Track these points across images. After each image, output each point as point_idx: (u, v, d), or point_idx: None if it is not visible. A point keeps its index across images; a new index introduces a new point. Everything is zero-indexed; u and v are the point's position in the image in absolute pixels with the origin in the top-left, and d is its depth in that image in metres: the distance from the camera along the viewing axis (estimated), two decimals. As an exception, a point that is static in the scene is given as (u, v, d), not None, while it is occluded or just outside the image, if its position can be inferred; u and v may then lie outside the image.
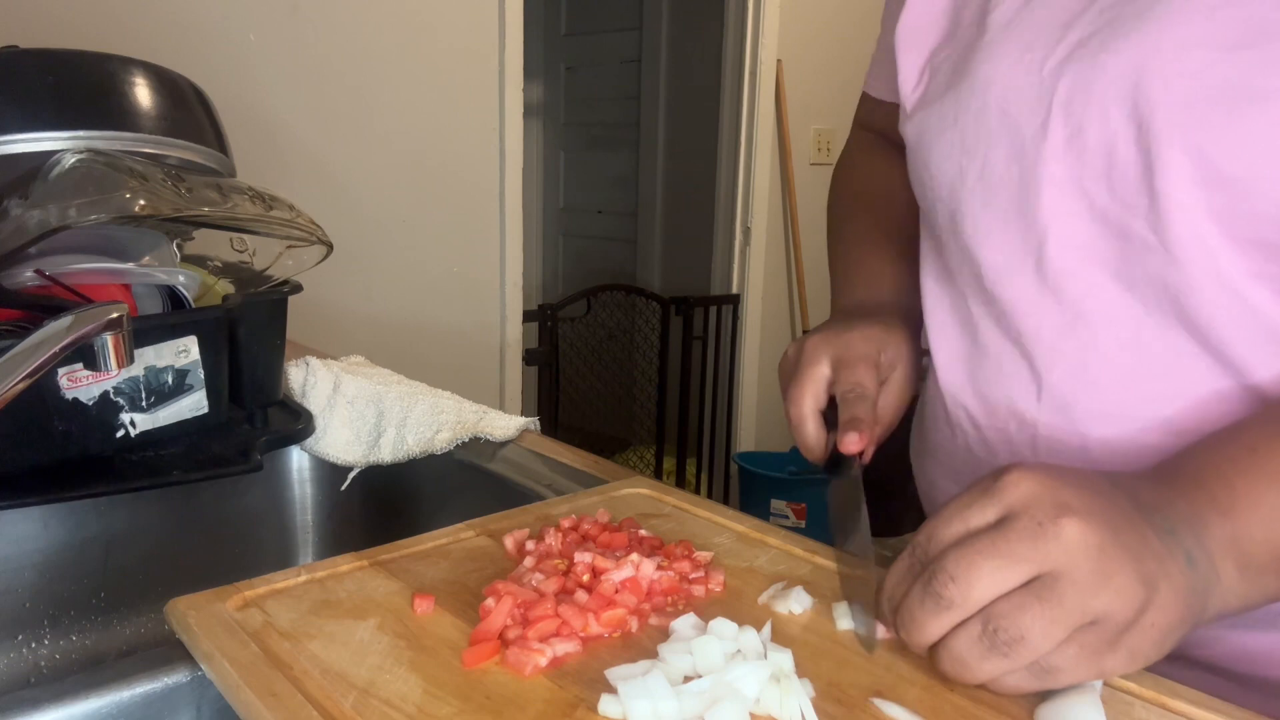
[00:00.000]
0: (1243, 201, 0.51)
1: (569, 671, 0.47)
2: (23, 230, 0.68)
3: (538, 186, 4.02)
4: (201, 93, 0.89)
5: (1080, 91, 0.55)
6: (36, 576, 0.80)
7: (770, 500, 2.87)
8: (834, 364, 0.67)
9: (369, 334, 2.16)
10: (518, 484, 0.81)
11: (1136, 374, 0.58)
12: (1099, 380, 0.59)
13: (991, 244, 0.62)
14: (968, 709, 0.45)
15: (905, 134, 0.68)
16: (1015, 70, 0.59)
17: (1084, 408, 0.60)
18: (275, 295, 0.90)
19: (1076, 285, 0.58)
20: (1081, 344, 0.59)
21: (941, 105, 0.64)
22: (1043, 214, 0.58)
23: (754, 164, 2.95)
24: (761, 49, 2.87)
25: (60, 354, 0.58)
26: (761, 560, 0.60)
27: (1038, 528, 0.43)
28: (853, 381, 0.65)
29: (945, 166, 0.64)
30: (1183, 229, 0.53)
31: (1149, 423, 0.58)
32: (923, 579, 0.45)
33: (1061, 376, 0.60)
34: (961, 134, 0.62)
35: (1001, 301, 0.62)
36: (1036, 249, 0.59)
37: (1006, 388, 0.63)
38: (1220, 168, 0.51)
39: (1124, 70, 0.53)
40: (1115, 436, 0.59)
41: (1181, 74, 0.51)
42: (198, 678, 0.52)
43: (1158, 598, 0.43)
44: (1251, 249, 0.52)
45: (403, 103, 2.16)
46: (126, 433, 0.78)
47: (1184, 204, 0.52)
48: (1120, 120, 0.54)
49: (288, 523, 0.96)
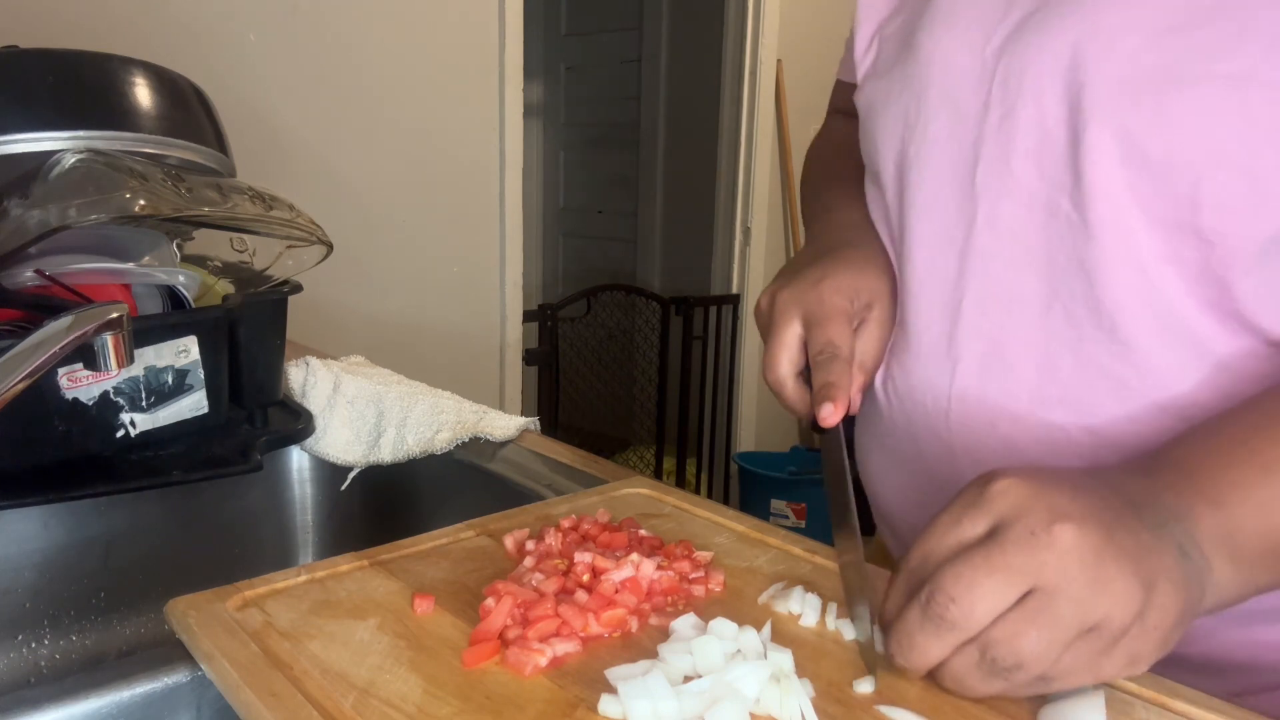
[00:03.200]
0: (1163, 183, 0.52)
1: (569, 671, 0.47)
2: (23, 230, 0.68)
3: (538, 186, 4.02)
4: (201, 93, 0.89)
5: (1017, 71, 0.57)
6: (36, 576, 0.80)
7: (770, 500, 2.87)
8: (805, 322, 0.64)
9: (369, 334, 2.16)
10: (518, 484, 0.81)
11: (1044, 353, 0.59)
12: (1009, 358, 0.60)
13: (928, 218, 0.63)
14: (968, 709, 0.45)
15: (857, 105, 0.69)
16: (958, 46, 0.61)
17: (996, 384, 0.61)
18: (275, 295, 0.90)
19: (997, 263, 0.60)
20: (997, 322, 0.60)
21: (889, 78, 0.66)
22: (974, 192, 0.60)
23: (754, 164, 2.95)
24: (761, 49, 2.87)
25: (60, 354, 0.58)
26: (761, 560, 0.60)
27: (1031, 537, 0.42)
28: (824, 341, 0.63)
29: (890, 140, 0.65)
30: (1104, 208, 0.54)
31: (1051, 401, 0.59)
32: (920, 601, 0.44)
33: (977, 353, 0.61)
34: (905, 108, 0.64)
35: (928, 276, 0.64)
36: (966, 226, 0.61)
37: (925, 361, 0.64)
38: (1144, 149, 0.52)
39: (1059, 51, 0.55)
40: (1023, 414, 0.60)
41: (1113, 57, 0.53)
42: (198, 678, 0.52)
43: (1156, 597, 0.43)
44: (1169, 232, 0.53)
45: (403, 102, 2.16)
46: (126, 433, 0.78)
47: (1107, 184, 0.54)
48: (1053, 100, 0.55)
49: (288, 523, 0.96)
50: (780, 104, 2.95)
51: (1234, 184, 0.51)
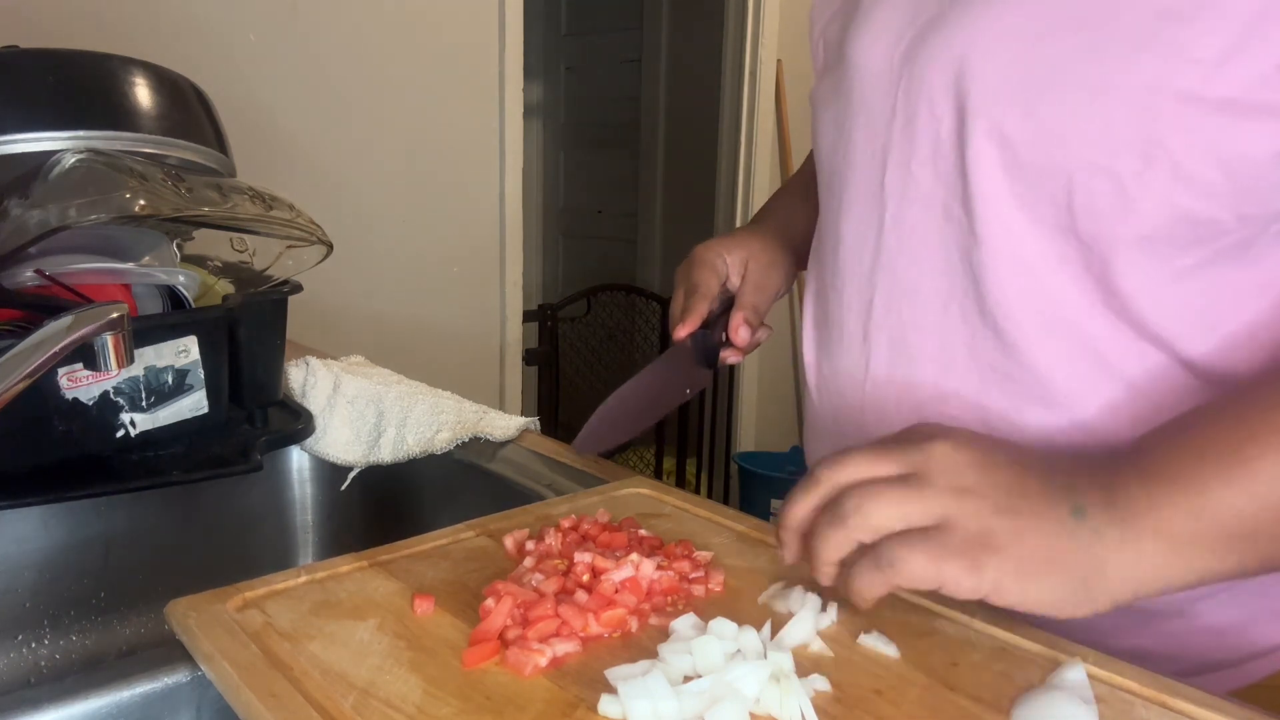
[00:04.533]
0: (1040, 187, 0.54)
1: (569, 671, 0.47)
2: (23, 230, 0.68)
3: (538, 186, 4.02)
4: (201, 93, 0.89)
5: (917, 77, 0.59)
6: (36, 576, 0.80)
7: (770, 500, 2.86)
8: (682, 279, 0.79)
9: (369, 334, 2.16)
10: (518, 484, 0.81)
11: (941, 349, 0.62)
12: (912, 351, 0.63)
13: (849, 218, 0.67)
14: (968, 708, 0.45)
15: (810, 102, 0.73)
16: (873, 51, 0.63)
17: (902, 376, 0.64)
18: (275, 295, 0.90)
19: (901, 261, 0.63)
20: (901, 319, 0.64)
21: (825, 80, 0.69)
22: (884, 194, 0.63)
23: (754, 164, 2.95)
24: (761, 49, 2.87)
25: (60, 354, 0.58)
26: (761, 560, 0.60)
27: (917, 443, 0.48)
28: (689, 282, 0.78)
29: (824, 141, 0.69)
30: (988, 211, 0.56)
31: (949, 395, 0.62)
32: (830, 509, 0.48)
33: (885, 346, 0.65)
34: (836, 111, 0.67)
35: (845, 273, 0.67)
36: (876, 226, 0.64)
37: (843, 355, 0.68)
38: (1020, 153, 0.54)
39: (950, 57, 0.57)
40: (925, 406, 0.63)
41: (992, 64, 0.54)
42: (198, 678, 0.52)
43: (1017, 524, 0.45)
44: (1052, 234, 0.55)
45: (403, 102, 2.16)
46: (126, 433, 0.78)
47: (990, 187, 0.56)
48: (944, 106, 0.57)
49: (288, 523, 0.96)
50: (780, 104, 2.95)
51: (1100, 187, 0.52)
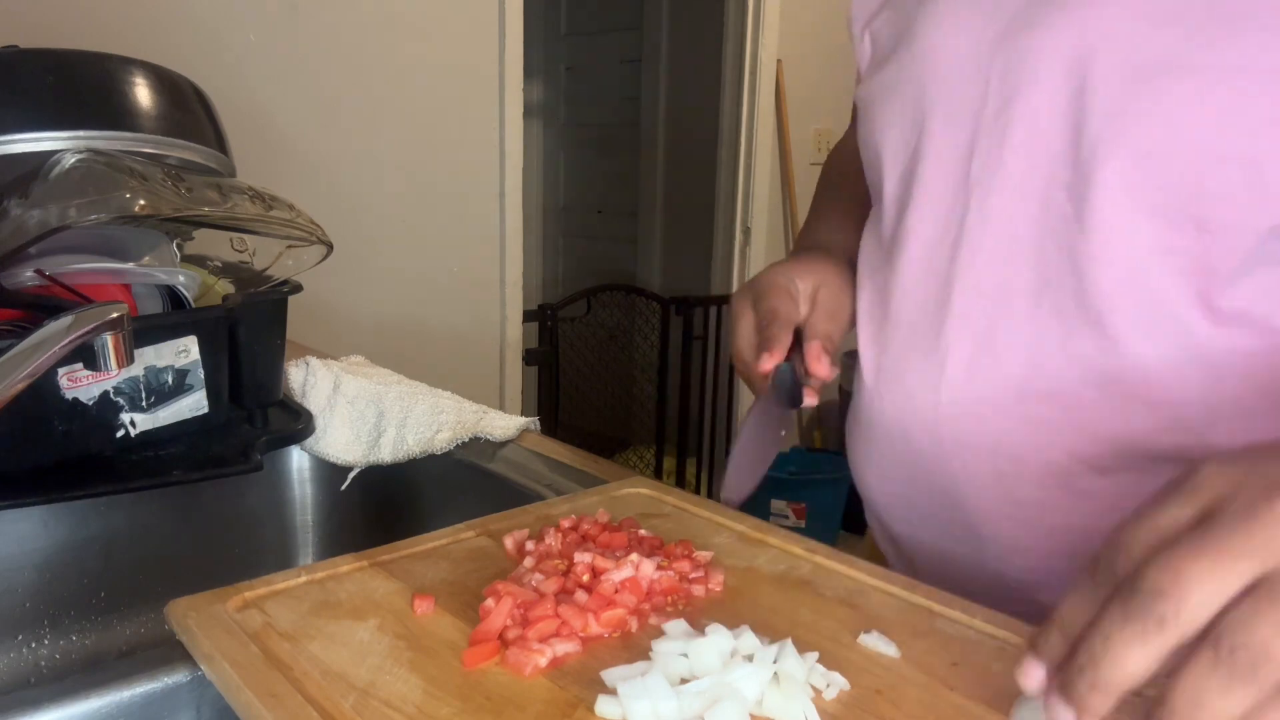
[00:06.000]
0: (1165, 173, 0.53)
1: (569, 671, 0.47)
2: (23, 230, 0.68)
3: (538, 186, 4.02)
4: (201, 93, 0.89)
5: (1016, 63, 0.57)
6: (36, 576, 0.80)
7: (770, 500, 2.86)
8: (754, 305, 0.70)
9: (369, 334, 2.16)
10: (518, 484, 0.81)
11: (1032, 348, 0.59)
12: (998, 350, 0.60)
13: (921, 213, 0.64)
14: (968, 708, 0.45)
15: (856, 100, 0.70)
16: (955, 39, 0.61)
17: (984, 378, 0.61)
18: (275, 295, 0.90)
19: (986, 255, 0.60)
20: (986, 315, 0.61)
21: (885, 72, 0.66)
22: (970, 184, 0.60)
23: (754, 164, 2.95)
24: (761, 49, 2.87)
25: (60, 354, 0.58)
26: (761, 560, 0.60)
27: (1250, 512, 0.34)
28: (764, 310, 0.69)
29: (889, 134, 0.66)
30: (1100, 199, 0.54)
31: (1041, 394, 0.59)
32: (1121, 597, 0.35)
33: (965, 347, 0.62)
34: (903, 101, 0.64)
35: (917, 271, 0.64)
36: (960, 218, 0.61)
37: (914, 357, 0.65)
38: (1140, 139, 0.52)
39: (1060, 44, 0.55)
40: (1011, 408, 0.60)
41: (1116, 48, 0.53)
42: (198, 678, 0.52)
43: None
44: (1167, 223, 0.54)
45: (403, 102, 2.16)
46: (126, 433, 0.78)
47: (1104, 176, 0.54)
48: (1053, 92, 0.55)
49: (288, 523, 0.96)
50: (780, 104, 2.95)
51: (1235, 173, 0.51)
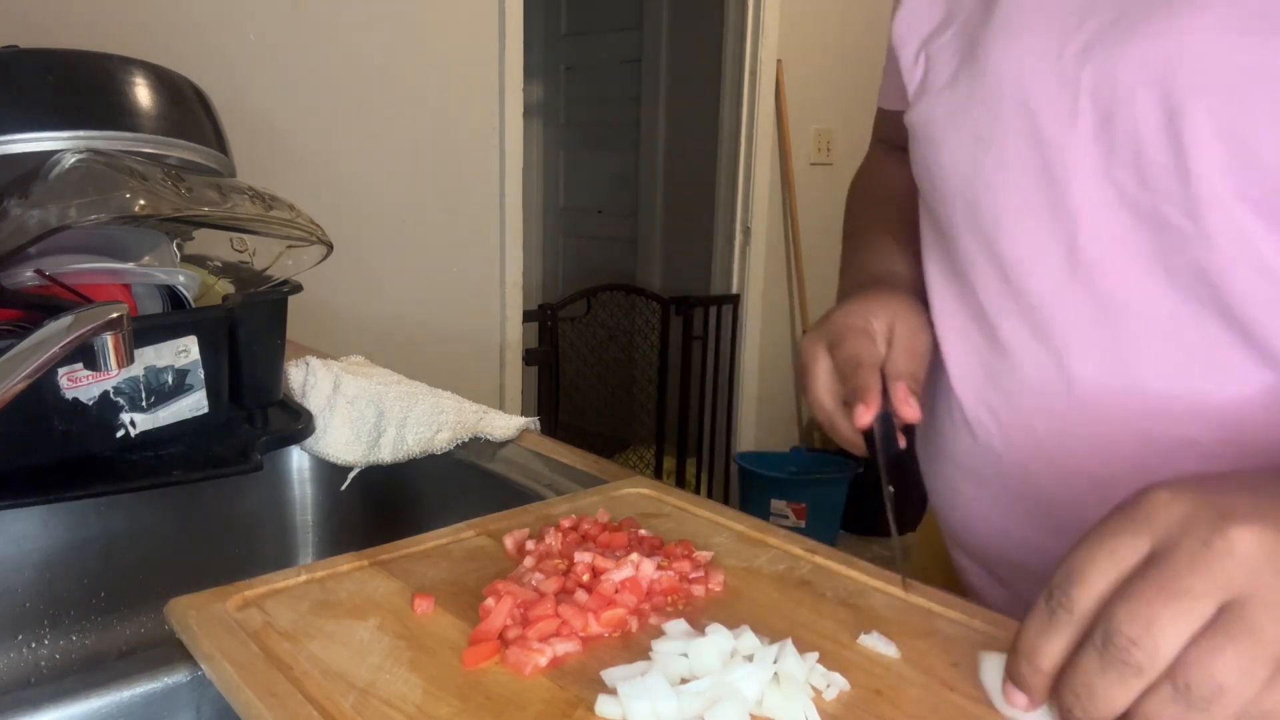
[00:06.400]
0: (1275, 181, 0.50)
1: (569, 671, 0.47)
2: (23, 230, 0.68)
3: (538, 186, 4.02)
4: (201, 93, 0.89)
5: (1106, 78, 0.55)
6: (36, 576, 0.80)
7: (770, 500, 2.87)
8: (830, 350, 0.66)
9: (369, 334, 2.16)
10: (518, 484, 0.81)
11: (1174, 366, 0.56)
12: (1135, 372, 0.57)
13: (1014, 236, 0.61)
14: (968, 708, 0.45)
15: (909, 124, 0.67)
16: (1031, 58, 0.58)
17: (1119, 401, 0.58)
18: (275, 295, 0.90)
19: (1110, 275, 0.57)
20: (1116, 336, 0.58)
21: (951, 94, 0.63)
22: (1072, 203, 0.57)
23: (754, 164, 2.95)
24: (761, 49, 2.87)
25: (60, 354, 0.58)
26: (761, 560, 0.60)
27: (1205, 549, 0.37)
28: (845, 356, 0.64)
29: (960, 157, 0.63)
30: (1218, 215, 0.52)
31: (1185, 415, 0.56)
32: (1095, 646, 0.38)
33: (1095, 370, 0.59)
34: (975, 124, 0.61)
35: (1026, 295, 0.61)
36: (1066, 240, 0.58)
37: (1031, 384, 0.62)
38: (1253, 150, 0.50)
39: (1152, 57, 0.53)
40: (1152, 430, 0.57)
41: (1210, 58, 0.51)
42: (198, 678, 0.52)
43: None
44: None
45: (403, 102, 2.16)
46: (126, 433, 0.78)
47: (1218, 190, 0.52)
48: (1149, 107, 0.53)
49: (288, 523, 0.96)
50: (780, 104, 2.95)
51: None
